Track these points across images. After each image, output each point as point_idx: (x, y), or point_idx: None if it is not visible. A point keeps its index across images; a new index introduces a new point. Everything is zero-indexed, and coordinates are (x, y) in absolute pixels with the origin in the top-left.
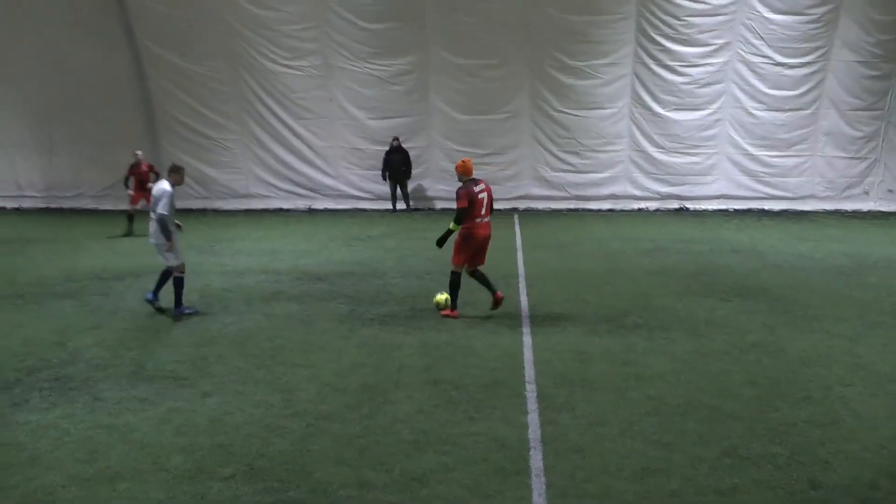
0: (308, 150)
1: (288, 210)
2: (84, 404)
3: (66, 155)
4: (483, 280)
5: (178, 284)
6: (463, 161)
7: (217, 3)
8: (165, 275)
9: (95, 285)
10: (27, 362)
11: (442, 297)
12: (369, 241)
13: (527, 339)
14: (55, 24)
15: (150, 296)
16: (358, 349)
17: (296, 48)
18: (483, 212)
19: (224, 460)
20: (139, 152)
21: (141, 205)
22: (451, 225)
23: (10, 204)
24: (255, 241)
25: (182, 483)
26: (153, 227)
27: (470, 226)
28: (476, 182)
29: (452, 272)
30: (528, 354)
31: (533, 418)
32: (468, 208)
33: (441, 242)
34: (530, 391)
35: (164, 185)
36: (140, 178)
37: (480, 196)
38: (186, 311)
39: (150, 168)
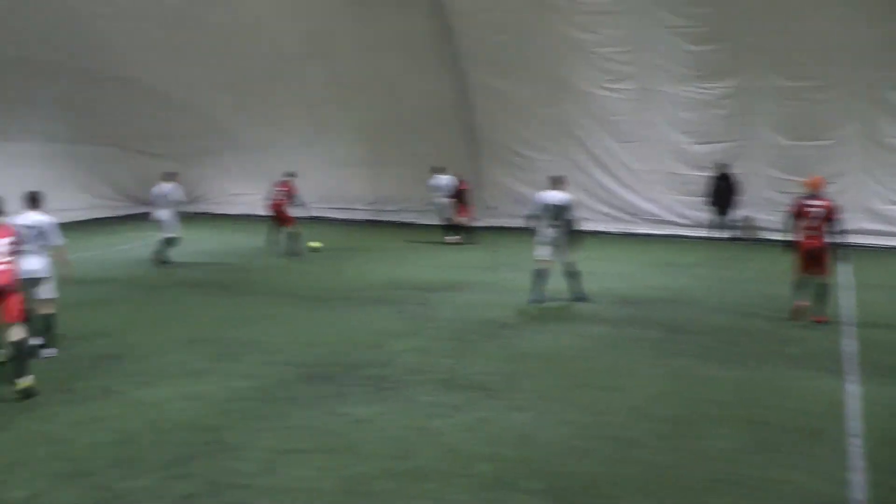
0: (626, 173)
1: (604, 233)
2: (398, 404)
3: (393, 172)
4: (818, 293)
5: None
6: (811, 178)
7: (540, 28)
8: (575, 275)
9: (414, 295)
10: (349, 359)
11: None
12: (685, 269)
13: (853, 388)
14: (387, 52)
15: (577, 297)
16: (669, 378)
17: (616, 71)
18: (811, 224)
19: (529, 474)
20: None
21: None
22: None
23: (339, 215)
24: None
25: (486, 491)
26: (555, 232)
27: (798, 235)
28: (816, 197)
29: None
30: (853, 405)
31: (857, 477)
32: (794, 216)
33: (786, 249)
34: (854, 446)
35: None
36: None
37: (809, 210)
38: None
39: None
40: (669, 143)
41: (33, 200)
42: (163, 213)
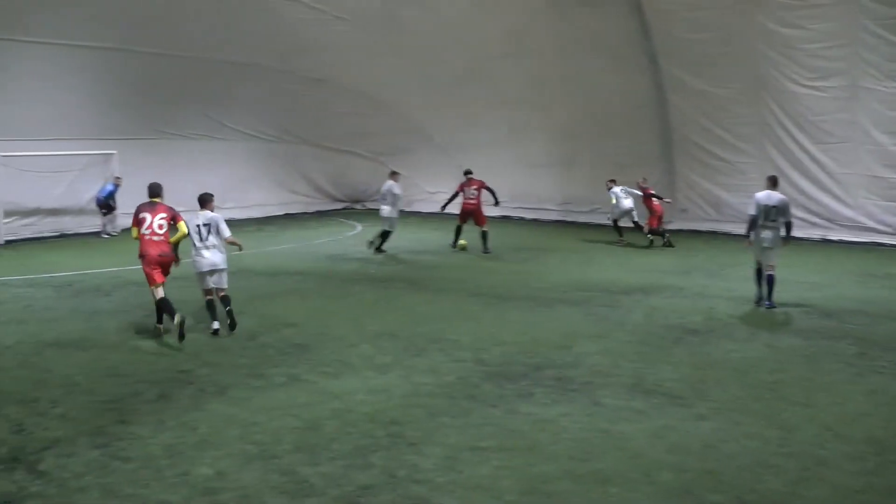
0: (826, 176)
1: (800, 239)
2: (583, 406)
3: (584, 173)
4: None
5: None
6: None
7: (741, 24)
8: (771, 281)
9: (603, 297)
10: (535, 359)
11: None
12: (887, 280)
13: None
14: (584, 51)
15: (768, 304)
16: (865, 397)
17: (821, 68)
18: None
19: (713, 487)
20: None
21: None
22: None
23: (529, 215)
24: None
25: (669, 499)
26: (770, 233)
27: None
28: None
29: None
30: None
31: None
32: None
33: None
34: None
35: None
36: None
37: None
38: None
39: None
40: (873, 144)
41: (203, 202)
42: (385, 210)
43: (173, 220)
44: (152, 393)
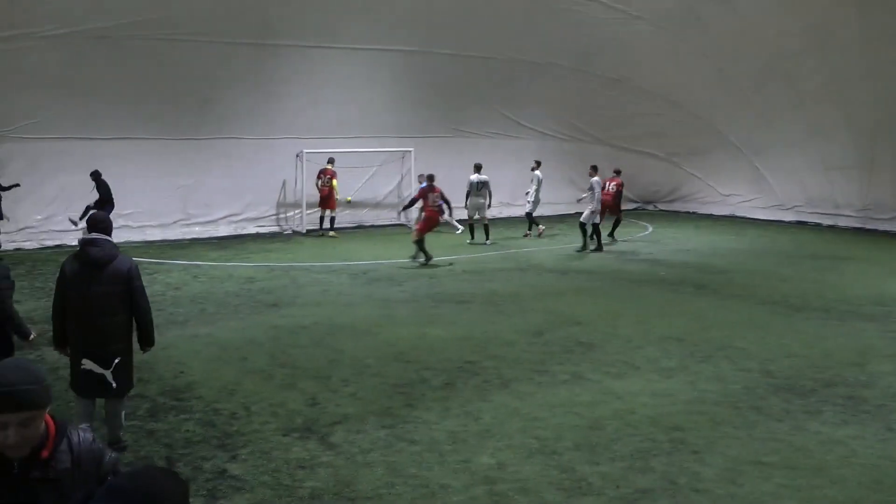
0: None
1: None
2: (875, 430)
3: (888, 177)
4: None
5: None
6: None
7: None
8: None
9: None
10: (825, 375)
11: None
12: None
13: None
14: (890, 47)
15: None
16: None
17: None
18: None
19: None
20: None
21: None
22: None
23: (826, 221)
24: None
25: None
26: None
27: None
28: None
29: None
30: None
31: None
32: None
33: None
34: None
35: None
36: None
37: None
38: None
39: None
40: None
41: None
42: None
43: None
44: (439, 380)
